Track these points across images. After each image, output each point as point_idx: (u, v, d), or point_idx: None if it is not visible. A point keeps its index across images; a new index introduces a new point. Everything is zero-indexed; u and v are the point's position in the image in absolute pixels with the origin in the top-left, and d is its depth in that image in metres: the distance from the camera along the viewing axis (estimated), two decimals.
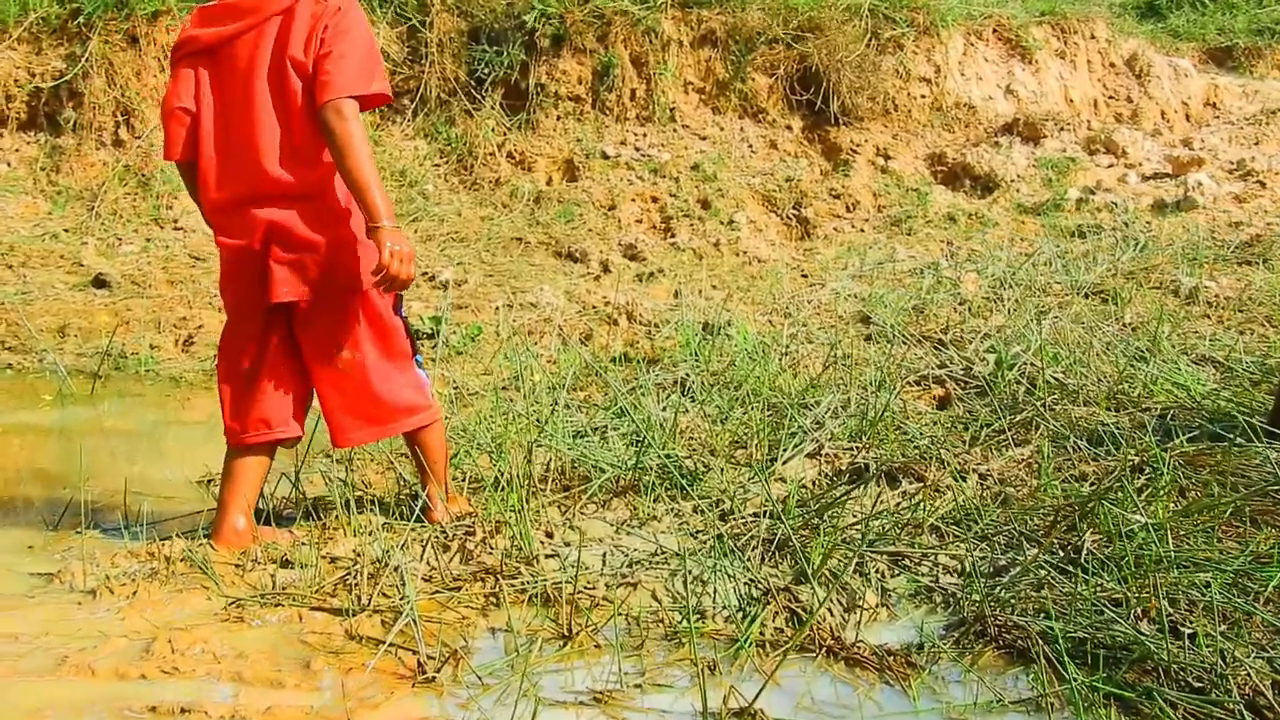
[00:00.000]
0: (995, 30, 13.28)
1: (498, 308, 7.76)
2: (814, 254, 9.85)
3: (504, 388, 5.78)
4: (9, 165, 10.32)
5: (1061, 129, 12.42)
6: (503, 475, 4.16)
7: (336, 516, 3.97)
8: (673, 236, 9.94)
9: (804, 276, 9.03)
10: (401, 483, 4.34)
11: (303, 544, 3.73)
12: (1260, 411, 4.75)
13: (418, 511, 3.85)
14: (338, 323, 3.75)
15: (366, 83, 3.62)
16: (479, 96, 11.13)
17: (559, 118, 11.25)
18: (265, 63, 3.63)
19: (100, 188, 10.07)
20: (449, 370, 6.27)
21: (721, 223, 10.26)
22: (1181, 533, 3.51)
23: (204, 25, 3.72)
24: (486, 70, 11.11)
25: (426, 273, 8.79)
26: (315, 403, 3.96)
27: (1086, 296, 7.50)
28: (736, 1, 11.85)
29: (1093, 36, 13.91)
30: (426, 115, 11.18)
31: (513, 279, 8.67)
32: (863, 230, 10.48)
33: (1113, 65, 13.93)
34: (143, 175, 10.21)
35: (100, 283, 8.37)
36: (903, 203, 10.84)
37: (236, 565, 3.57)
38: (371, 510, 4.03)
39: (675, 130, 11.40)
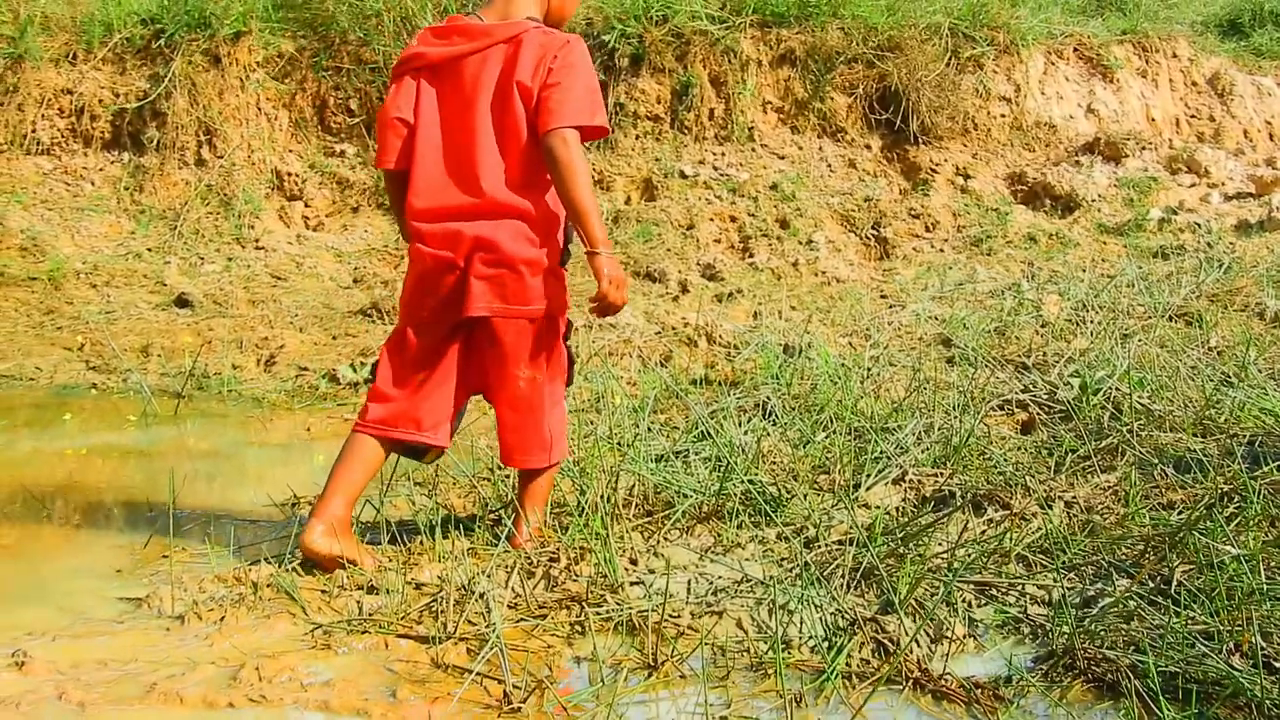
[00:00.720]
0: (1076, 49, 13.21)
1: (577, 329, 7.78)
2: (893, 274, 9.81)
3: (585, 410, 5.78)
4: (93, 185, 10.48)
5: (1143, 148, 12.31)
6: (586, 500, 4.16)
7: (421, 541, 3.99)
8: (751, 256, 9.94)
9: (883, 297, 9.00)
10: (485, 507, 4.34)
11: (388, 569, 3.74)
12: None
13: (503, 539, 3.85)
14: (523, 342, 3.86)
15: (590, 115, 3.77)
16: None
17: (638, 137, 11.27)
18: (491, 86, 3.78)
19: (183, 207, 10.22)
20: None
21: (800, 242, 10.25)
22: (1274, 564, 3.47)
23: (431, 44, 3.88)
24: None
25: None
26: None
27: (1170, 319, 7.44)
28: (816, 21, 11.84)
29: (1174, 55, 13.80)
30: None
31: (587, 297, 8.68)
32: (942, 250, 10.43)
33: (1195, 84, 13.81)
34: (225, 195, 10.34)
35: (183, 302, 8.47)
36: (982, 222, 10.78)
37: (323, 591, 3.59)
38: (456, 535, 4.03)
39: (754, 149, 11.40)
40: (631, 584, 3.64)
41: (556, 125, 3.68)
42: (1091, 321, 7.28)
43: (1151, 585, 3.45)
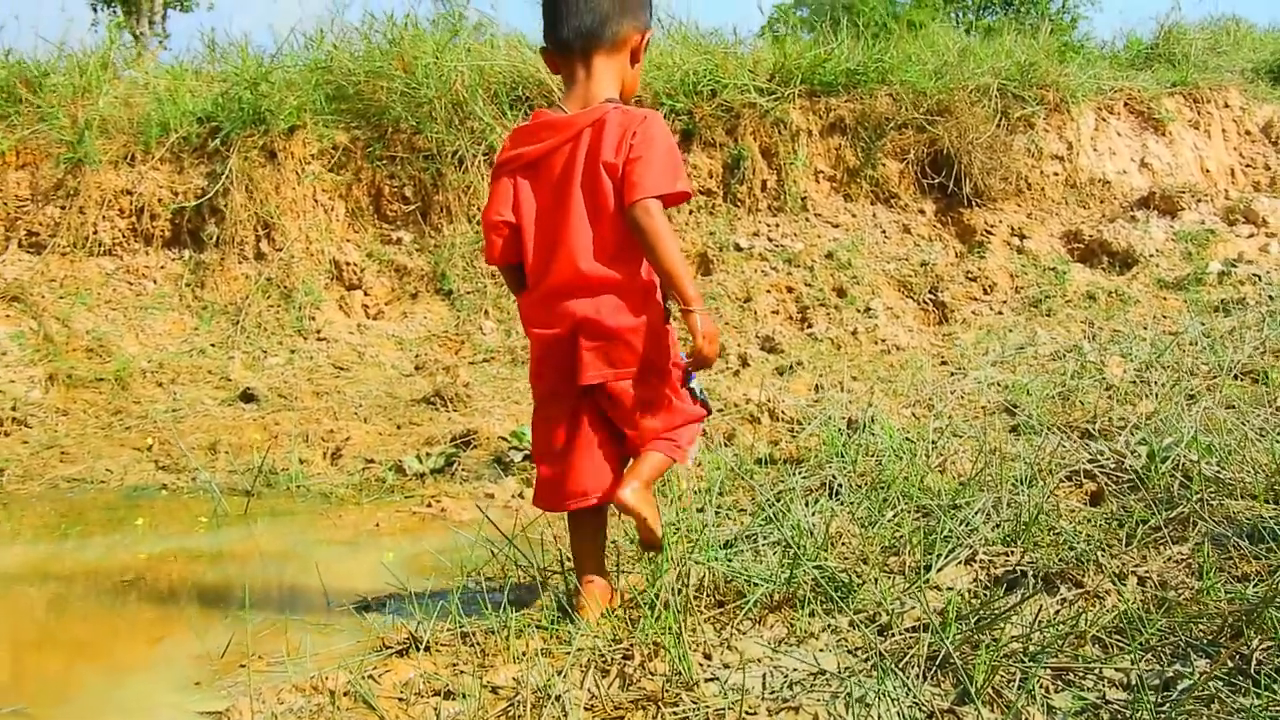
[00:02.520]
0: (1126, 103, 13.23)
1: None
2: (953, 339, 9.80)
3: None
4: (155, 283, 10.61)
5: (1199, 200, 12.28)
6: (658, 592, 4.16)
7: (495, 641, 4.00)
8: (810, 326, 9.96)
9: (944, 363, 8.99)
10: (557, 599, 4.35)
11: (462, 672, 3.75)
12: None
13: (575, 639, 3.86)
14: (639, 397, 4.09)
15: (671, 183, 3.96)
16: None
17: (691, 211, 11.34)
18: (579, 170, 3.97)
19: (244, 301, 10.34)
20: None
21: (858, 310, 10.27)
22: None
23: (525, 144, 4.08)
24: None
25: None
26: None
27: (1236, 377, 7.38)
28: (864, 88, 11.92)
29: (1226, 105, 13.78)
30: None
31: None
32: (1001, 313, 10.42)
33: (1248, 133, 13.79)
34: (284, 287, 10.46)
35: (248, 397, 8.55)
36: (1040, 283, 10.78)
37: (400, 699, 3.60)
38: (529, 633, 4.04)
39: (807, 219, 11.45)
40: (706, 680, 3.62)
41: (639, 197, 3.87)
42: (1156, 383, 7.22)
43: (1231, 665, 3.41)
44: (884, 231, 11.54)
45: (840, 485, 5.52)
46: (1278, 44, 17.45)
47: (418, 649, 3.97)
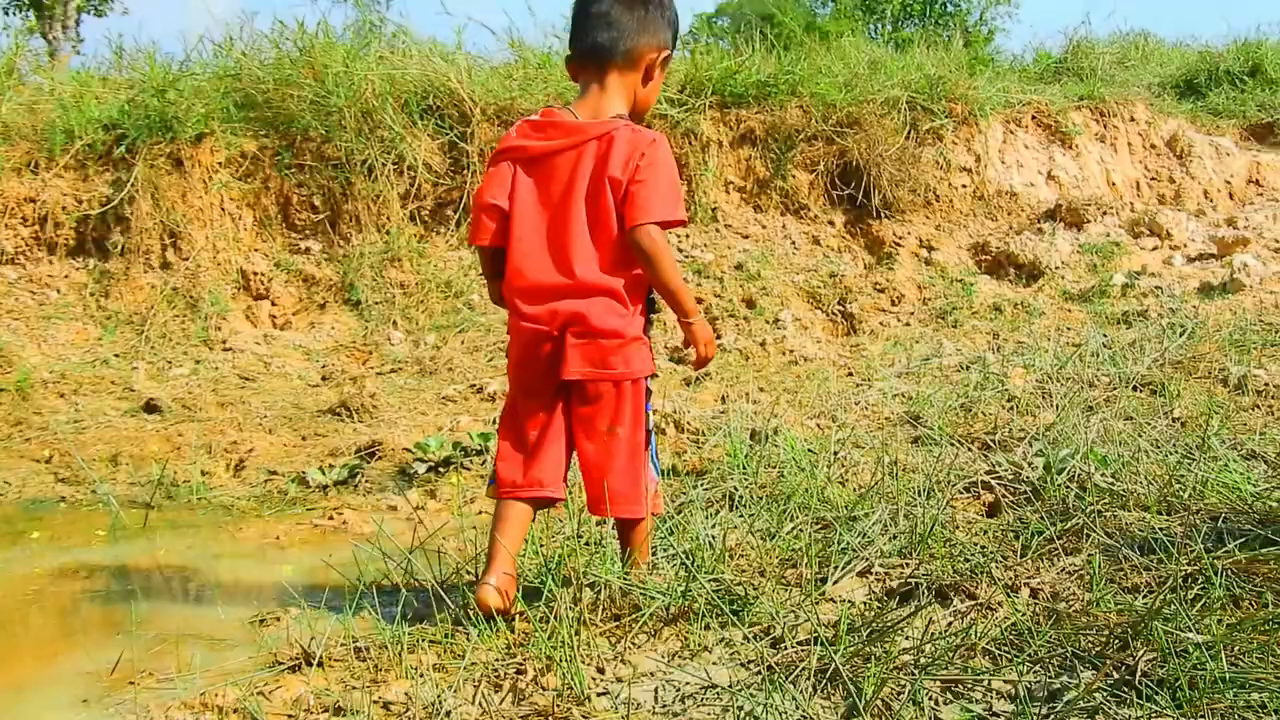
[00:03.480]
0: (1034, 117, 13.38)
1: None
2: (860, 350, 9.86)
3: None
4: (59, 292, 10.48)
5: (1104, 213, 12.43)
6: (553, 606, 4.15)
7: (388, 655, 3.97)
8: (719, 338, 9.96)
9: (850, 375, 9.03)
10: (453, 614, 4.33)
11: (354, 688, 3.73)
12: None
13: (468, 654, 3.85)
14: (610, 401, 4.30)
15: (672, 211, 4.22)
16: None
17: None
18: (586, 178, 4.17)
19: (149, 311, 10.22)
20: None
21: (767, 321, 10.31)
22: (1237, 650, 3.47)
23: (531, 137, 4.26)
24: None
25: (474, 384, 8.85)
26: None
27: (1135, 389, 7.47)
28: (775, 100, 11.97)
29: (1132, 119, 13.95)
30: (470, 225, 11.27)
31: None
32: (908, 324, 10.50)
33: (1154, 146, 13.97)
34: (190, 297, 10.37)
35: (151, 408, 8.46)
36: (948, 294, 10.87)
37: (289, 716, 3.57)
38: (423, 648, 4.01)
39: (718, 230, 11.49)
40: (598, 694, 3.62)
41: (643, 220, 4.12)
42: (1056, 394, 7.30)
43: (1116, 676, 3.45)
44: (794, 243, 11.59)
45: (742, 497, 5.53)
46: (1184, 59, 17.72)
47: (310, 664, 3.94)
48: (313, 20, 14.08)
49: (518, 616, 4.21)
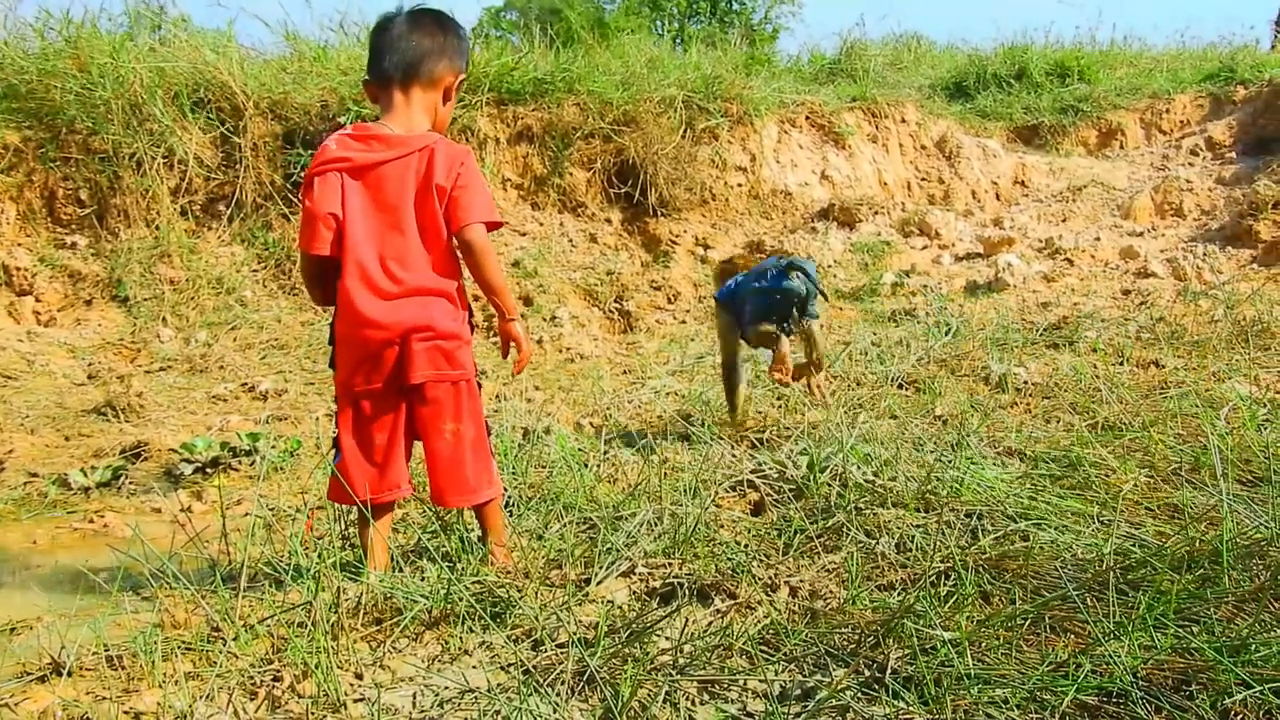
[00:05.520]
0: (808, 117, 13.58)
1: (318, 417, 7.70)
2: (637, 348, 9.91)
3: (319, 507, 5.68)
4: None
5: (876, 212, 12.68)
6: (311, 610, 4.09)
7: (141, 664, 3.88)
8: (496, 335, 9.93)
9: (625, 372, 9.07)
10: (210, 620, 4.24)
11: (104, 698, 3.63)
12: (1060, 510, 4.85)
13: (222, 661, 3.78)
14: (450, 401, 4.53)
15: (492, 214, 4.49)
16: (295, 200, 11.06)
17: None
18: (413, 187, 4.39)
19: None
20: (266, 490, 6.19)
21: (544, 319, 10.30)
22: (984, 646, 3.55)
23: (354, 149, 4.42)
24: (302, 173, 11.05)
25: (246, 383, 8.69)
26: None
27: (901, 387, 7.63)
28: (552, 98, 11.96)
29: (903, 120, 14.25)
30: (243, 220, 11.10)
31: (333, 385, 8.62)
32: (684, 322, 10.58)
33: (924, 147, 14.29)
34: None
35: None
36: None
37: None
38: (177, 655, 3.93)
39: None
40: (355, 700, 3.58)
41: (471, 221, 4.38)
42: (826, 391, 7.41)
43: (867, 674, 3.51)
44: (571, 240, 11.61)
45: (510, 497, 5.51)
46: (954, 61, 18.18)
47: (60, 674, 3.83)
48: (79, 10, 13.64)
49: (274, 619, 4.14)
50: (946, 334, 9.17)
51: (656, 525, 5.00)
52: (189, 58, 11.50)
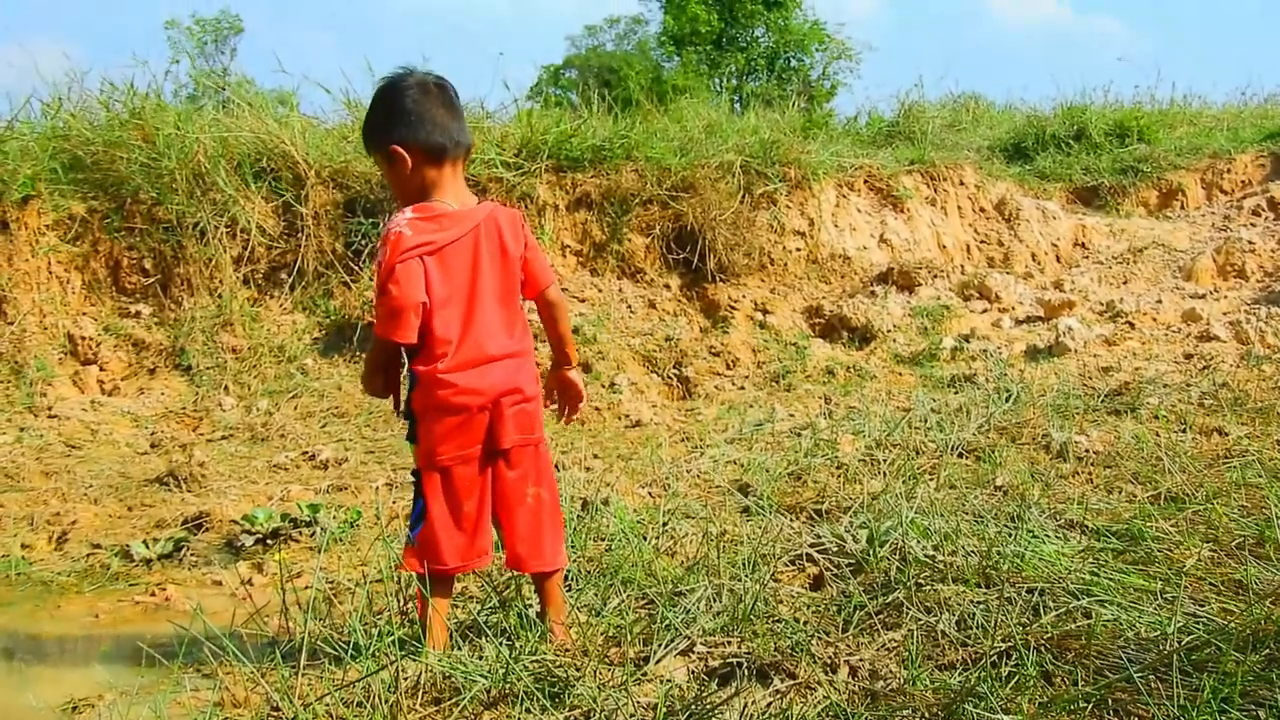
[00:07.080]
0: (866, 180, 13.60)
1: (378, 487, 7.72)
2: (695, 414, 9.91)
3: (378, 580, 5.68)
4: None
5: (935, 276, 12.66)
6: (371, 689, 4.09)
7: None
8: (555, 404, 9.94)
9: (685, 440, 9.06)
10: (269, 699, 4.25)
11: None
12: (1123, 585, 4.81)
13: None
14: (533, 464, 4.65)
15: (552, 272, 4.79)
16: (356, 268, 11.16)
17: None
18: (487, 257, 4.46)
19: None
20: (326, 562, 6.21)
21: (603, 386, 10.32)
22: None
23: (429, 231, 4.40)
24: (363, 241, 11.17)
25: (306, 451, 8.74)
26: None
27: (960, 455, 7.58)
28: (610, 164, 12.03)
29: (961, 182, 14.23)
30: (304, 288, 11.19)
31: (394, 454, 8.66)
32: (743, 387, 10.58)
33: (983, 210, 14.26)
34: (15, 362, 10.14)
35: None
36: (782, 358, 10.98)
37: None
38: None
39: None
40: None
41: (551, 281, 4.70)
42: (884, 461, 7.39)
43: None
44: (630, 306, 11.64)
45: (569, 571, 5.50)
46: (1013, 122, 18.16)
47: None
48: (144, 81, 13.81)
49: (332, 698, 4.14)
50: (1007, 400, 9.13)
51: (715, 602, 4.98)
52: (252, 127, 11.64)
